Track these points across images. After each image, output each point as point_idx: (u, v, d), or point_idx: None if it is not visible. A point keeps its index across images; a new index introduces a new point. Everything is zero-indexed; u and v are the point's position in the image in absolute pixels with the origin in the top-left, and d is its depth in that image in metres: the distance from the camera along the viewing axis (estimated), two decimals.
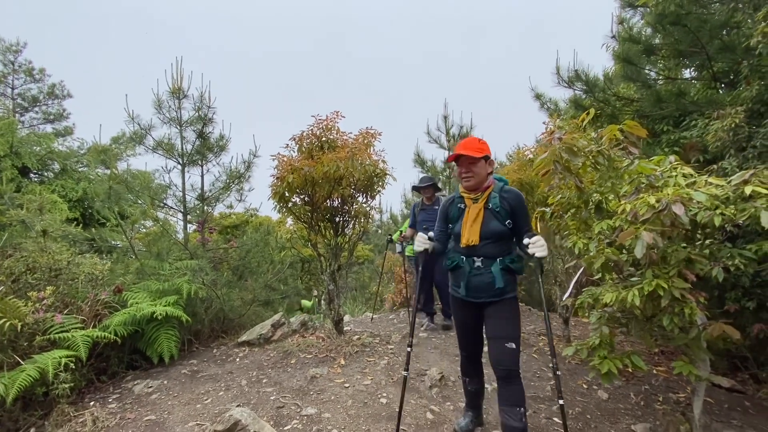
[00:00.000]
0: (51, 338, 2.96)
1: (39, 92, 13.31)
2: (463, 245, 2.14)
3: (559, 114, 5.99)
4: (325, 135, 4.04)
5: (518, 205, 2.10)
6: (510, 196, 2.12)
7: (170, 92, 5.08)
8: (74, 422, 2.75)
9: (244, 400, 3.02)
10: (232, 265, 5.19)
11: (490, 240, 2.10)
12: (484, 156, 2.11)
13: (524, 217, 2.11)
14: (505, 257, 2.12)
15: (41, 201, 4.25)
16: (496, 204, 2.11)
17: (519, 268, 2.16)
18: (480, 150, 2.09)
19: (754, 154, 3.10)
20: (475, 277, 2.14)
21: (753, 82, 3.50)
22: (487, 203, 2.14)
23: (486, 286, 2.11)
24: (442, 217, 2.35)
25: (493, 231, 2.09)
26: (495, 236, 2.09)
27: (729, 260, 1.95)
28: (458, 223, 2.20)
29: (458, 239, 2.18)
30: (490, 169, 2.17)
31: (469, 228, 2.11)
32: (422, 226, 4.49)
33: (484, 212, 2.12)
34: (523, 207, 2.11)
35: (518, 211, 2.10)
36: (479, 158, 2.08)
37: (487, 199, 2.14)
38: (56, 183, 8.78)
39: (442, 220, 2.35)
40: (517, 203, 2.10)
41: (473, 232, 2.10)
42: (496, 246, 2.11)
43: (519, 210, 2.10)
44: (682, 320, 1.87)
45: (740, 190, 1.78)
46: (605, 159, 1.96)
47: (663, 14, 3.99)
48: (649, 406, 2.97)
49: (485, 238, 2.10)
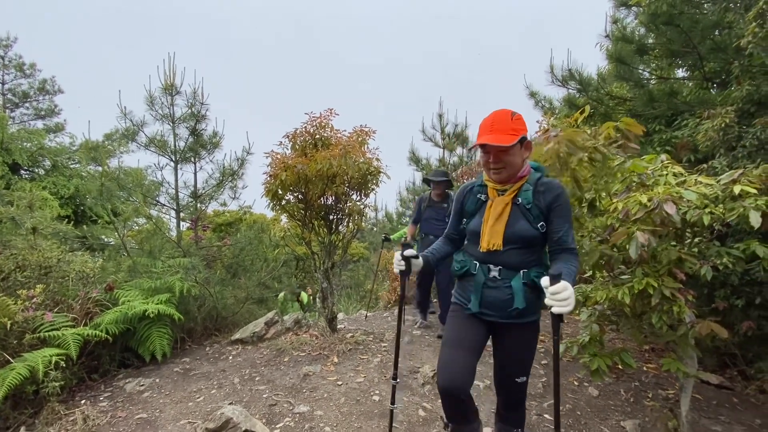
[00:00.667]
0: (41, 336, 2.94)
1: (30, 88, 13.17)
2: (483, 249, 1.66)
3: (553, 112, 6.01)
4: (318, 132, 4.03)
5: (557, 203, 1.60)
6: (547, 189, 1.62)
7: (163, 88, 5.03)
8: (65, 420, 2.73)
9: (237, 398, 3.01)
10: (225, 263, 5.18)
11: (515, 245, 1.63)
12: (521, 138, 1.58)
13: (563, 220, 1.60)
14: (531, 269, 1.63)
15: (31, 198, 4.21)
16: (528, 199, 1.62)
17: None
18: (514, 132, 1.56)
19: (744, 154, 3.14)
20: (489, 290, 1.67)
21: (743, 82, 3.53)
22: (517, 197, 1.65)
23: (501, 304, 1.65)
24: (457, 209, 1.85)
25: (520, 234, 1.61)
26: (522, 241, 1.62)
27: (717, 259, 1.98)
28: (474, 218, 1.74)
29: (474, 240, 1.73)
30: (526, 153, 1.66)
31: (491, 228, 1.64)
32: (427, 223, 4.44)
33: (512, 208, 1.64)
34: (564, 206, 1.61)
35: (556, 211, 1.60)
36: (513, 145, 1.56)
37: (518, 192, 1.65)
38: (47, 180, 8.68)
39: (457, 214, 1.85)
40: (555, 200, 1.59)
41: (496, 233, 1.63)
42: (522, 254, 1.63)
43: (557, 210, 1.60)
44: (670, 318, 1.90)
45: (729, 189, 1.80)
46: (601, 156, 1.96)
47: (655, 14, 4.02)
48: (639, 403, 3.00)
49: (510, 242, 1.62)
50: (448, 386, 1.62)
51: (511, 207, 1.65)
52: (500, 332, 1.75)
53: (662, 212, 1.67)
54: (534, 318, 1.70)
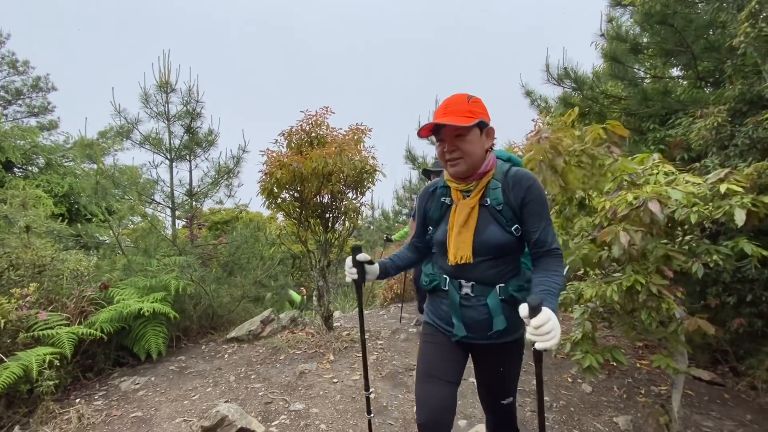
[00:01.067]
0: (35, 335, 2.93)
1: (23, 85, 13.02)
2: (451, 263, 1.42)
3: (548, 111, 6.04)
4: (314, 130, 4.03)
5: (528, 198, 1.34)
6: (517, 183, 1.36)
7: (157, 86, 5.02)
8: (59, 419, 2.73)
9: (233, 396, 3.02)
10: (221, 262, 5.17)
11: (487, 257, 1.38)
12: (479, 122, 1.34)
13: (538, 217, 1.34)
14: (509, 282, 1.39)
15: (24, 196, 4.18)
16: (498, 199, 1.37)
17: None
18: (470, 114, 1.33)
19: (736, 153, 3.17)
20: (463, 309, 1.44)
21: (736, 81, 3.56)
22: (484, 198, 1.39)
23: (477, 325, 1.42)
24: (420, 216, 1.61)
25: (492, 243, 1.36)
26: (495, 250, 1.37)
27: (707, 256, 2.00)
28: (440, 227, 1.48)
29: (442, 251, 1.48)
30: (489, 142, 1.41)
31: (457, 238, 1.39)
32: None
33: (479, 212, 1.39)
34: (538, 200, 1.34)
35: (529, 207, 1.34)
36: (471, 126, 1.32)
37: (485, 191, 1.40)
38: (41, 178, 8.64)
39: (421, 221, 1.61)
40: (526, 194, 1.34)
41: (463, 244, 1.38)
42: (496, 265, 1.39)
43: (530, 205, 1.34)
44: (660, 315, 1.92)
45: (716, 188, 1.82)
46: (589, 158, 1.98)
47: (649, 13, 4.04)
48: (632, 399, 3.04)
49: (480, 253, 1.38)
50: (427, 423, 1.45)
51: (478, 211, 1.39)
52: (480, 354, 1.52)
53: (648, 211, 1.69)
54: (516, 336, 1.46)
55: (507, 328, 1.40)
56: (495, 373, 1.51)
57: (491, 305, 1.39)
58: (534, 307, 1.10)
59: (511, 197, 1.36)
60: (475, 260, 1.38)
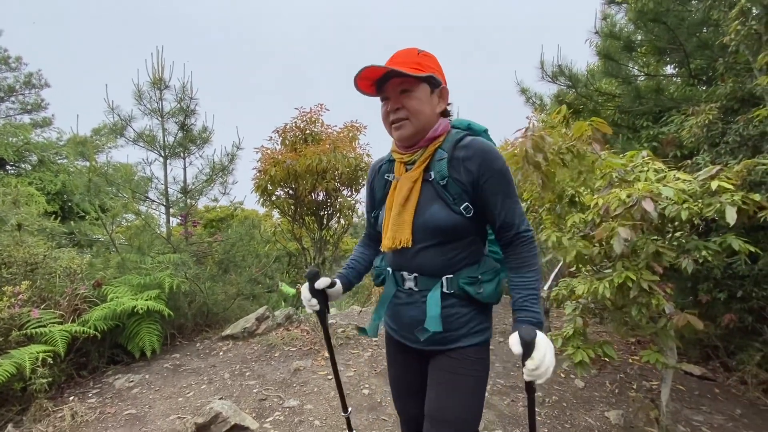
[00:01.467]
0: (27, 333, 2.91)
1: (15, 81, 12.87)
2: (385, 248, 1.19)
3: (543, 108, 6.06)
4: (309, 128, 4.03)
5: (486, 173, 1.09)
6: (469, 156, 1.10)
7: (151, 83, 4.98)
8: (53, 417, 2.72)
9: (227, 393, 3.02)
10: (216, 259, 5.16)
11: (430, 242, 1.13)
12: (429, 77, 1.11)
13: (501, 195, 1.10)
14: (459, 273, 1.14)
15: (16, 194, 4.15)
16: (442, 172, 1.11)
17: (490, 293, 1.16)
18: (418, 66, 1.10)
19: (727, 150, 3.20)
20: (404, 307, 1.21)
21: (727, 79, 3.59)
22: (428, 171, 1.15)
23: (416, 325, 1.16)
24: (368, 196, 1.36)
25: (433, 224, 1.11)
26: (438, 233, 1.12)
27: (696, 252, 2.02)
28: (383, 208, 1.25)
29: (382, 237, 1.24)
30: (442, 105, 1.18)
31: (395, 218, 1.16)
32: None
33: (423, 188, 1.15)
34: (498, 175, 1.09)
35: (489, 184, 1.09)
36: (419, 80, 1.10)
37: (430, 163, 1.16)
38: (34, 175, 8.56)
39: (368, 202, 1.36)
40: (483, 168, 1.09)
41: (401, 225, 1.14)
42: (442, 252, 1.13)
43: (490, 182, 1.09)
44: (650, 311, 1.94)
45: (707, 185, 1.84)
46: (574, 155, 1.99)
47: (643, 11, 4.06)
48: (623, 394, 3.07)
49: (422, 236, 1.14)
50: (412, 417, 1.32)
51: (421, 186, 1.15)
52: (432, 362, 1.22)
53: (641, 209, 1.71)
54: (472, 343, 1.15)
55: (455, 329, 1.14)
56: (439, 386, 1.16)
57: (428, 301, 1.14)
58: (528, 343, 0.94)
59: (462, 171, 1.10)
60: (417, 246, 1.15)
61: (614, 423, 2.62)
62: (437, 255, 1.14)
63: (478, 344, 1.17)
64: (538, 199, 2.42)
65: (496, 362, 3.61)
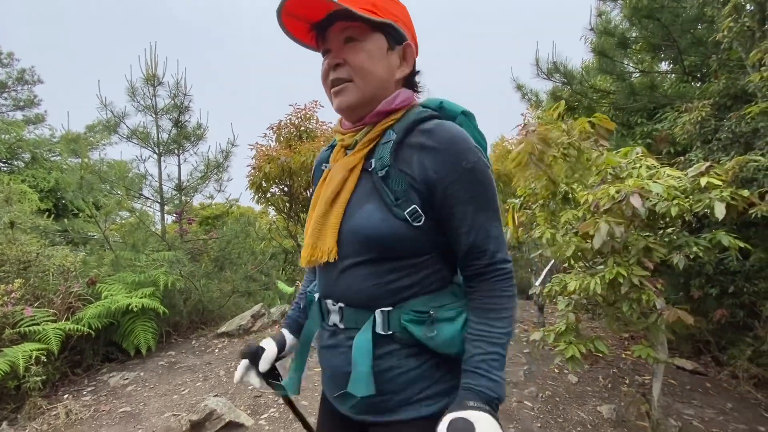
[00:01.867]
0: (21, 331, 2.90)
1: (8, 77, 12.75)
2: (303, 262, 0.84)
3: (539, 105, 6.07)
4: (303, 124, 4.02)
5: (454, 173, 0.73)
6: (433, 144, 0.75)
7: (144, 79, 4.95)
8: (47, 415, 2.72)
9: (222, 390, 3.03)
10: (212, 257, 5.15)
11: (360, 257, 0.78)
12: (385, 23, 0.79)
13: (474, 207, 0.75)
14: (402, 306, 0.77)
15: (9, 191, 4.12)
16: (383, 159, 0.77)
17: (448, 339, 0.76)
18: (373, 8, 0.77)
19: (719, 147, 3.21)
20: (326, 351, 0.87)
21: (721, 76, 3.60)
22: (370, 157, 0.81)
23: (341, 380, 0.81)
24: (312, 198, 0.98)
25: (363, 232, 0.77)
26: (371, 245, 0.77)
27: (687, 248, 2.04)
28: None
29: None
30: (405, 69, 0.84)
31: (317, 220, 0.82)
32: None
33: (360, 180, 0.81)
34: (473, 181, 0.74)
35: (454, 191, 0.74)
36: (373, 25, 0.78)
37: (375, 147, 0.81)
38: (26, 173, 8.50)
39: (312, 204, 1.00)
40: (451, 166, 0.73)
41: (323, 230, 0.81)
42: (377, 273, 0.77)
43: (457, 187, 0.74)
44: (641, 306, 1.96)
45: (697, 181, 1.86)
46: (575, 150, 2.00)
47: (637, 8, 4.06)
48: (616, 389, 3.10)
49: (349, 250, 0.79)
50: None
51: (358, 177, 0.81)
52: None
53: (629, 204, 1.72)
54: (415, 414, 0.77)
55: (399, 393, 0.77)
56: None
57: (356, 345, 0.77)
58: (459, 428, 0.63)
59: (414, 162, 0.75)
60: (344, 262, 0.79)
61: (606, 417, 2.65)
62: (369, 277, 0.77)
63: (430, 417, 0.75)
64: (532, 195, 2.43)
65: None
